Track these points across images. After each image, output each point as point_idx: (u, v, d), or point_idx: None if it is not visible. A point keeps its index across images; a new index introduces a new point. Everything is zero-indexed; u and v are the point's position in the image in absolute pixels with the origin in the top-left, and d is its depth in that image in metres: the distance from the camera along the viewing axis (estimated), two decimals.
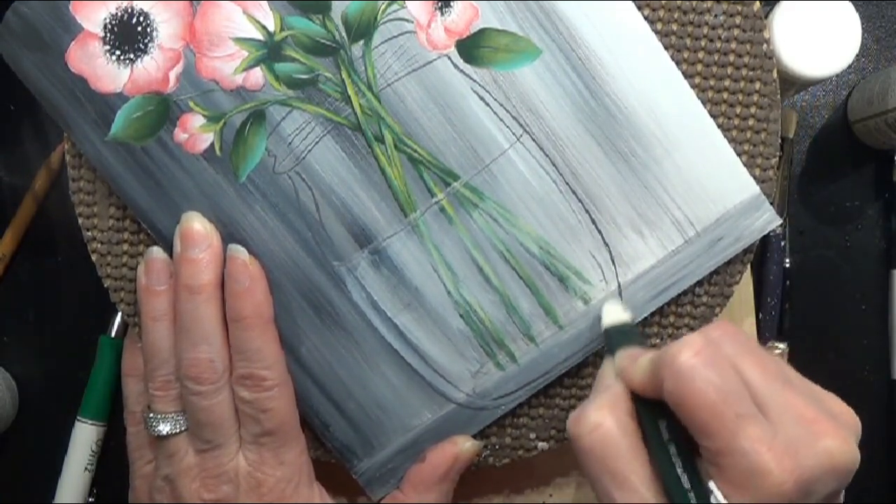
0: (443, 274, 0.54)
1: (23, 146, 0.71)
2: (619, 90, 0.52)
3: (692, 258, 0.54)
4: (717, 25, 0.52)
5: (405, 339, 0.55)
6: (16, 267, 0.71)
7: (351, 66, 0.51)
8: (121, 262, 0.56)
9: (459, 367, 0.55)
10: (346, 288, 0.54)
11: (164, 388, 0.54)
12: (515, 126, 0.52)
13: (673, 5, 0.52)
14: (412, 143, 0.52)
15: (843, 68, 0.58)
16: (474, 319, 0.55)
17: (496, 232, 0.53)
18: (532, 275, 0.54)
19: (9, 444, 0.72)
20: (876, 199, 0.71)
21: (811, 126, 0.71)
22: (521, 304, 0.54)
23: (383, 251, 0.54)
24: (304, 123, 0.52)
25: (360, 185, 0.53)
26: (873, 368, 0.71)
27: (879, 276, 0.71)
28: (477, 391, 0.56)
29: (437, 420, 0.56)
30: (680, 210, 0.53)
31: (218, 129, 0.52)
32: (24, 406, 0.72)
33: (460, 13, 0.51)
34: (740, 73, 0.53)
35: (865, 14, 0.68)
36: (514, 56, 0.51)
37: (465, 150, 0.52)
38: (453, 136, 0.52)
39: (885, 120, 0.63)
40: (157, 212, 0.53)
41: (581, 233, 0.54)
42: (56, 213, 0.71)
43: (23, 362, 0.72)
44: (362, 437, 0.56)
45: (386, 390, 0.56)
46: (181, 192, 0.53)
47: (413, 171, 0.52)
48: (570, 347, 0.55)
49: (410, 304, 0.54)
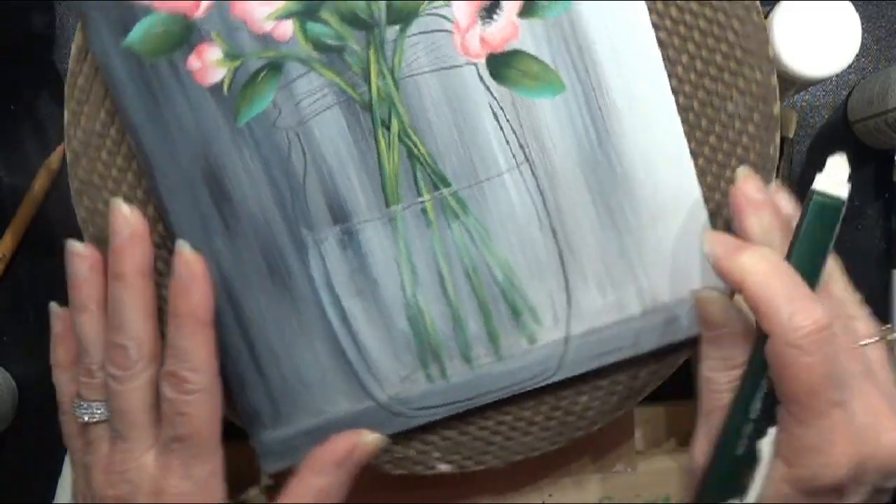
0: (404, 272, 0.54)
1: (23, 146, 0.72)
2: (627, 148, 0.53)
3: (643, 330, 0.55)
4: (735, 114, 0.54)
5: (347, 324, 0.55)
6: (16, 267, 0.72)
7: (381, 47, 0.51)
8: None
9: (390, 367, 0.55)
10: (307, 258, 0.54)
11: (87, 376, 0.53)
12: (519, 152, 0.52)
13: (699, 83, 0.54)
14: (415, 138, 0.52)
15: (843, 68, 0.58)
16: (420, 325, 0.55)
17: (468, 248, 0.54)
18: (489, 299, 0.54)
19: (9, 444, 0.72)
20: (876, 199, 0.71)
21: (811, 126, 0.71)
22: (470, 324, 0.55)
23: (354, 233, 0.53)
24: (318, 88, 0.52)
25: (353, 163, 0.52)
26: None
27: (879, 276, 0.71)
28: (400, 396, 0.55)
29: (352, 412, 0.56)
30: (647, 280, 0.54)
31: (233, 67, 0.51)
32: (24, 406, 0.72)
33: (500, 27, 0.51)
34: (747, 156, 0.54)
35: (865, 14, 0.69)
36: (539, 86, 0.52)
37: (464, 160, 0.53)
38: (457, 144, 0.52)
39: (885, 120, 0.64)
40: (146, 128, 0.52)
41: (548, 273, 0.54)
42: (56, 213, 0.72)
43: (23, 362, 0.72)
44: (275, 407, 0.56)
45: (313, 369, 0.55)
46: (176, 117, 0.52)
47: (408, 165, 0.53)
48: (502, 380, 0.55)
49: (363, 293, 0.54)
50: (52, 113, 0.72)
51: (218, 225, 0.53)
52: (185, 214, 0.53)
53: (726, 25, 0.53)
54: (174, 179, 0.53)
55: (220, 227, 0.53)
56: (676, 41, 0.53)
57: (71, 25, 0.72)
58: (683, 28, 0.53)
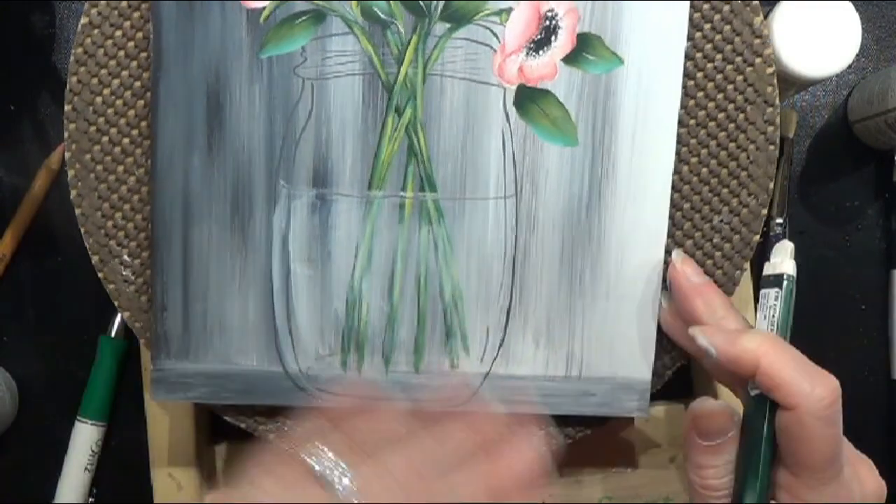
0: (360, 257, 0.54)
1: (23, 146, 0.72)
2: (610, 220, 0.53)
3: (560, 394, 0.55)
4: (721, 228, 0.55)
5: (287, 285, 0.54)
6: (16, 267, 0.71)
7: (424, 37, 0.52)
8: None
9: (311, 343, 0.55)
10: (274, 208, 0.53)
11: None
12: (511, 185, 0.53)
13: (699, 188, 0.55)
14: (421, 135, 0.52)
15: (843, 68, 0.59)
16: (354, 312, 0.54)
17: (428, 257, 0.54)
18: (428, 312, 0.54)
19: (9, 444, 0.71)
20: (876, 199, 0.71)
21: (811, 126, 0.71)
22: (402, 329, 0.55)
23: (328, 202, 0.53)
24: (350, 52, 0.52)
25: (354, 135, 0.52)
26: (873, 368, 0.72)
27: (879, 276, 0.71)
28: (310, 373, 0.55)
29: (258, 371, 0.55)
30: (581, 348, 0.55)
31: (279, 0, 0.51)
32: (24, 406, 0.72)
33: (542, 64, 0.52)
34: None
35: (865, 14, 0.68)
36: (555, 132, 0.52)
37: (457, 173, 0.53)
38: (458, 155, 0.53)
39: (885, 120, 0.64)
40: (171, 23, 0.51)
41: (492, 308, 0.54)
42: (56, 213, 0.71)
43: (23, 362, 0.72)
44: (185, 339, 0.55)
45: (237, 315, 0.54)
46: (205, 25, 0.51)
47: (404, 157, 0.53)
48: (411, 392, 0.55)
49: (314, 261, 0.54)
50: (52, 113, 0.71)
51: (202, 142, 0.53)
52: (174, 121, 0.52)
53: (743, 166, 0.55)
54: (177, 83, 0.52)
55: (204, 145, 0.53)
56: (693, 142, 0.54)
57: (71, 25, 0.72)
58: (703, 132, 0.54)
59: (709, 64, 0.53)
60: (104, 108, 0.54)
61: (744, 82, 0.53)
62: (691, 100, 0.54)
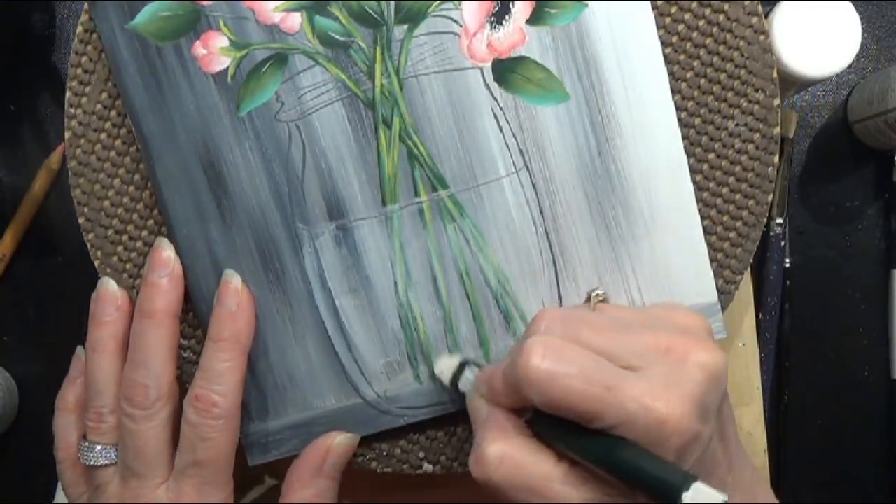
0: (398, 272, 0.54)
1: (23, 146, 0.72)
2: (626, 160, 0.53)
3: None
4: (736, 134, 0.54)
5: (339, 321, 0.55)
6: (16, 267, 0.72)
7: (387, 45, 0.51)
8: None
9: (380, 366, 0.55)
10: (301, 253, 0.54)
11: (96, 420, 0.54)
12: (519, 158, 0.53)
13: (702, 100, 0.54)
14: (416, 138, 0.52)
15: (843, 68, 0.58)
16: (411, 325, 0.55)
17: (463, 251, 0.54)
18: (481, 303, 0.54)
19: (9, 444, 0.72)
20: (876, 199, 0.71)
21: (811, 126, 0.71)
22: (461, 327, 0.55)
23: (350, 230, 0.53)
24: (322, 82, 0.52)
25: (352, 159, 0.52)
26: (873, 368, 0.72)
27: (879, 276, 0.71)
28: (387, 395, 0.55)
29: (339, 408, 0.56)
30: (639, 291, 0.54)
31: (238, 56, 0.51)
32: (24, 406, 0.72)
33: (508, 34, 0.51)
34: (745, 179, 0.55)
35: (865, 14, 0.69)
36: (543, 93, 0.52)
37: (463, 163, 0.53)
38: (457, 146, 0.52)
39: (885, 120, 0.64)
40: (147, 112, 0.52)
41: (540, 280, 0.54)
42: (56, 213, 0.72)
43: (23, 362, 0.72)
44: (262, 399, 0.56)
45: (302, 363, 0.55)
46: (178, 103, 0.52)
47: (407, 165, 0.53)
48: None
49: (356, 290, 0.54)
50: (52, 113, 0.72)
51: (214, 214, 0.53)
52: (181, 201, 0.53)
53: (733, 45, 0.53)
54: (172, 165, 0.53)
55: (216, 215, 0.53)
56: (682, 57, 0.53)
57: (71, 25, 0.72)
58: (690, 45, 0.53)
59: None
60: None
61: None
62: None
